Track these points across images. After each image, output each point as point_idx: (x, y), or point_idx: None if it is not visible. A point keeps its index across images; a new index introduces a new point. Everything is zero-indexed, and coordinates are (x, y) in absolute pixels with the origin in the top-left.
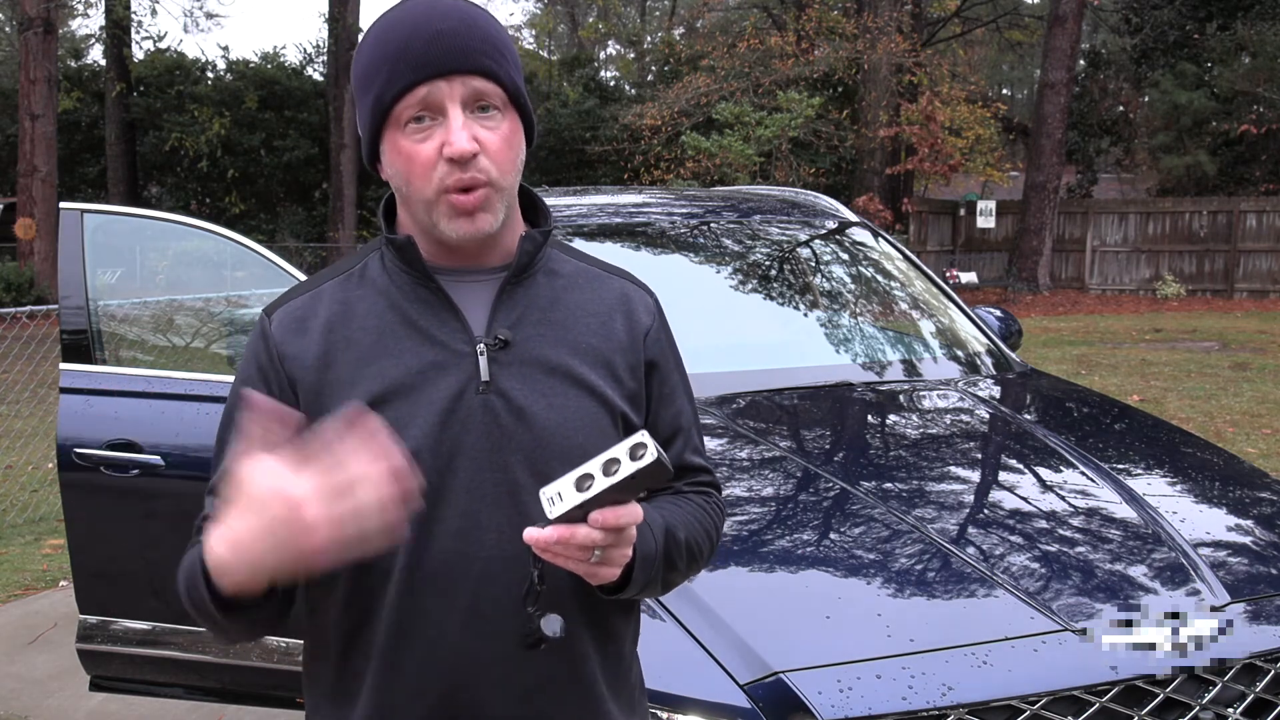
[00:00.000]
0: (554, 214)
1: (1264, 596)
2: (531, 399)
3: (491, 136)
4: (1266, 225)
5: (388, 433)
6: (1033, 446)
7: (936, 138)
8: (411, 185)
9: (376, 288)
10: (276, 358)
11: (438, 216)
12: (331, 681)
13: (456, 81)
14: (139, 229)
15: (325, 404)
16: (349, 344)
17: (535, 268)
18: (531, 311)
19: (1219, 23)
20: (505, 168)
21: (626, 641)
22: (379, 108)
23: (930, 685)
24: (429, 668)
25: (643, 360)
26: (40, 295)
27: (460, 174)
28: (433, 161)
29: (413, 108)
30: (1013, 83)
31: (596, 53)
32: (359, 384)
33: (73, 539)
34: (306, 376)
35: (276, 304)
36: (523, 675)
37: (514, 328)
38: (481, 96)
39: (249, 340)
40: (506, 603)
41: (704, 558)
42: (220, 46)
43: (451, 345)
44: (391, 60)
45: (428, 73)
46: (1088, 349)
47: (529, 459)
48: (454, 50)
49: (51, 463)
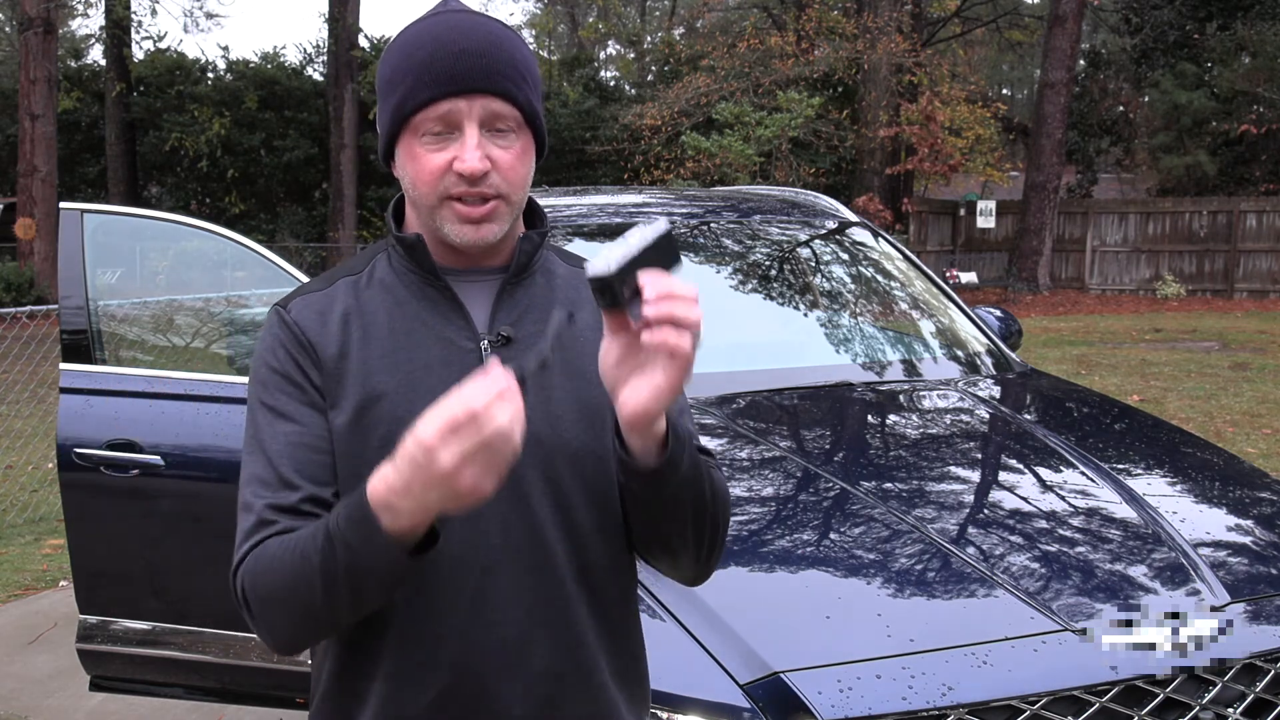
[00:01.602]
0: (554, 214)
1: (1264, 596)
2: (532, 392)
3: (504, 155)
4: (1266, 225)
5: (494, 364)
6: (1033, 446)
7: (936, 138)
8: (418, 189)
9: (385, 287)
10: (306, 343)
11: (441, 220)
12: (338, 675)
13: (476, 101)
14: (139, 229)
15: (342, 391)
16: (363, 338)
17: (534, 268)
18: (531, 309)
19: (1219, 23)
20: (516, 184)
21: (634, 634)
22: (399, 115)
23: (930, 685)
24: (436, 661)
25: None
26: (40, 295)
27: (468, 187)
28: (442, 171)
29: (431, 121)
30: (1013, 83)
31: (596, 53)
32: (371, 376)
33: (73, 539)
34: (329, 364)
35: (290, 298)
36: (529, 667)
37: (515, 325)
38: (498, 118)
39: (266, 333)
40: (511, 595)
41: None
42: (220, 46)
43: (457, 341)
44: (415, 72)
45: (449, 90)
46: (1088, 349)
47: (532, 453)
48: (476, 71)
49: (51, 463)
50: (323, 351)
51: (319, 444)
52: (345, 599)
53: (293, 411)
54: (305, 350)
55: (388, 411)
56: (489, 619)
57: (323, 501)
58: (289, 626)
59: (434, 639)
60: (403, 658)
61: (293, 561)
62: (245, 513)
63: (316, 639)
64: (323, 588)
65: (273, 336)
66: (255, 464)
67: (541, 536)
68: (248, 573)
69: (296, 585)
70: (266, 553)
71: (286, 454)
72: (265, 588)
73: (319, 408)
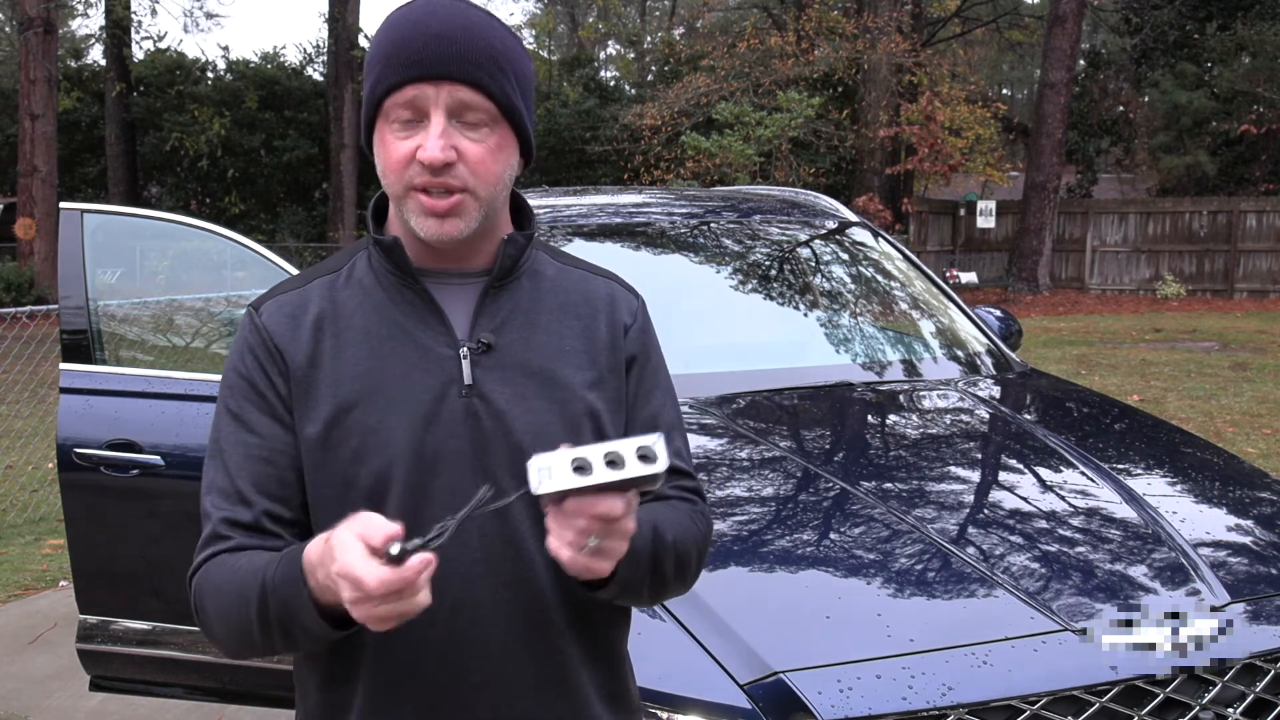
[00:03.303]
0: (554, 214)
1: (1264, 596)
2: (513, 403)
3: (473, 148)
4: (1266, 225)
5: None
6: (1033, 446)
7: (936, 138)
8: (386, 178)
9: (363, 288)
10: (274, 349)
11: (409, 213)
12: (321, 685)
13: (444, 88)
14: (139, 229)
15: (313, 401)
16: (336, 343)
17: (519, 270)
18: (515, 315)
19: (1219, 23)
20: (486, 179)
21: (617, 643)
22: (372, 98)
23: (930, 685)
24: (416, 670)
25: (623, 358)
26: (40, 295)
27: (430, 178)
28: (406, 159)
29: (400, 106)
30: (1013, 83)
31: (596, 53)
32: (343, 383)
33: (73, 539)
34: (298, 371)
35: (263, 298)
36: (508, 676)
37: (497, 331)
38: (468, 107)
39: (239, 333)
40: (490, 605)
41: (692, 568)
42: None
43: (435, 348)
44: (387, 55)
45: (415, 74)
46: (1088, 349)
47: (510, 462)
48: (446, 57)
49: (51, 463)
50: (291, 359)
51: (276, 458)
52: (279, 642)
53: (254, 421)
54: (273, 357)
55: (359, 421)
56: (468, 631)
57: (277, 517)
58: (232, 644)
59: (415, 648)
60: (381, 670)
61: (233, 595)
62: (204, 519)
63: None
64: (259, 627)
65: (243, 339)
66: (215, 472)
67: (521, 548)
68: (198, 586)
69: (236, 617)
70: (214, 576)
71: (245, 467)
72: (211, 609)
73: (280, 419)
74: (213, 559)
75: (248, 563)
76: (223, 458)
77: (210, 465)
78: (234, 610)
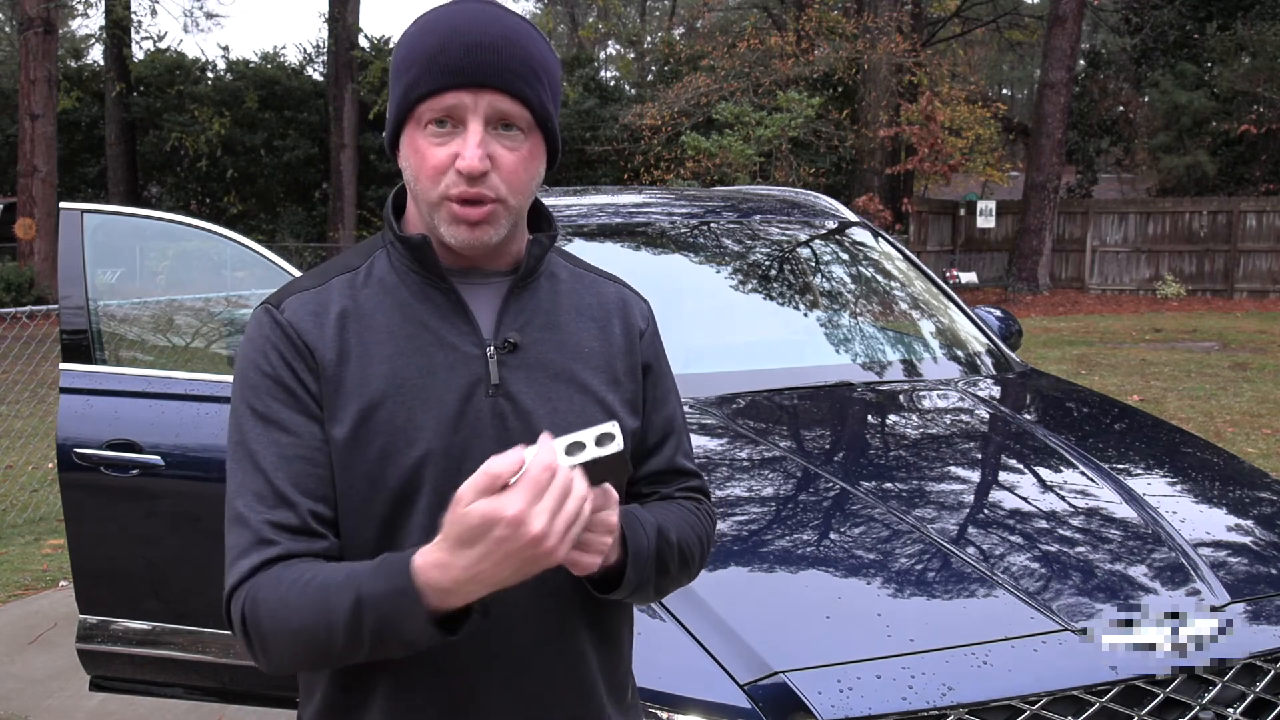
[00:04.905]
0: (554, 214)
1: (1264, 596)
2: (538, 403)
3: (508, 156)
4: (1266, 225)
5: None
6: (1033, 446)
7: (936, 138)
8: (419, 184)
9: (385, 287)
10: (304, 346)
11: (439, 220)
12: (333, 686)
13: (484, 96)
14: (139, 229)
15: (341, 399)
16: (361, 341)
17: (539, 272)
18: (537, 315)
19: (1219, 23)
20: (517, 188)
21: (624, 643)
22: (404, 103)
23: (930, 685)
24: (432, 670)
25: (639, 363)
26: (40, 295)
27: (466, 187)
28: (443, 167)
29: (435, 111)
30: (1013, 83)
31: (596, 53)
32: (371, 382)
33: (73, 539)
34: (329, 369)
35: (282, 295)
36: (523, 676)
37: (521, 331)
38: (505, 116)
39: (256, 334)
40: (509, 606)
41: (696, 563)
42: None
43: (461, 347)
44: (425, 60)
45: (456, 82)
46: (1088, 349)
47: None
48: (487, 65)
49: (51, 463)
50: (321, 356)
51: (315, 455)
52: (365, 654)
53: (286, 420)
54: (301, 354)
55: (386, 420)
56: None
57: (321, 517)
58: (291, 661)
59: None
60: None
61: (312, 610)
62: (240, 526)
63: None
64: (344, 642)
65: (263, 337)
66: (247, 475)
67: None
68: (251, 601)
69: (313, 632)
70: (276, 590)
71: (282, 467)
72: (272, 624)
73: (314, 416)
74: (264, 571)
75: (325, 578)
76: (254, 459)
77: (237, 468)
78: (310, 627)
